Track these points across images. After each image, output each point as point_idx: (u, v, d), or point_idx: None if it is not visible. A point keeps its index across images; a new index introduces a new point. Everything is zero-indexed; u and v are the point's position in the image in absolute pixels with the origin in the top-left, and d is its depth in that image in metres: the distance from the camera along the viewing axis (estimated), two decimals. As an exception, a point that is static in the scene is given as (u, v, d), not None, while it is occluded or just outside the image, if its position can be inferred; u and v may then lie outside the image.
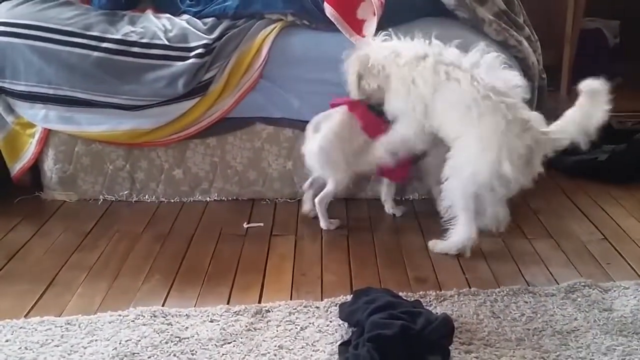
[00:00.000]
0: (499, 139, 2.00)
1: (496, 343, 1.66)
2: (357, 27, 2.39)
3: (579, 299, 1.86)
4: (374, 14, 2.35)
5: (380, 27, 2.34)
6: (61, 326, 1.72)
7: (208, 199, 2.56)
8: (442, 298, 1.86)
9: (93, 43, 2.38)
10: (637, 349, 1.64)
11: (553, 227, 2.29)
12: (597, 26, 3.76)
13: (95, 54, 2.36)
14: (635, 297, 1.87)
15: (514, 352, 1.63)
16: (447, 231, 2.14)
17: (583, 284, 1.92)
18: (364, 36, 2.37)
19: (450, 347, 1.60)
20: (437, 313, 1.70)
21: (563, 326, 1.74)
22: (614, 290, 1.91)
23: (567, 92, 3.30)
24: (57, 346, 1.65)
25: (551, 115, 2.10)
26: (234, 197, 2.57)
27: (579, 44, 3.41)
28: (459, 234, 2.11)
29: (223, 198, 2.56)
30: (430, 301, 1.85)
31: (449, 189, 2.10)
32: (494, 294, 1.88)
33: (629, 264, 2.09)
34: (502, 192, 2.07)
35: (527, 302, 1.84)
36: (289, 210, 2.49)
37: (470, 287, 1.93)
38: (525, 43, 2.50)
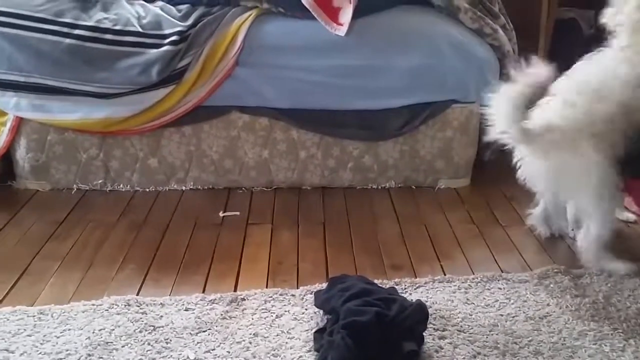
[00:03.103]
0: None
1: (469, 329, 1.68)
2: (333, 15, 2.38)
3: (551, 285, 1.88)
4: (350, 2, 2.35)
5: (356, 15, 2.34)
6: (34, 316, 1.70)
7: (184, 187, 2.54)
8: (417, 285, 1.88)
9: (65, 30, 2.34)
10: (608, 334, 1.67)
11: (527, 214, 2.30)
12: (572, 16, 3.78)
13: (67, 41, 2.33)
14: (606, 283, 1.89)
15: (487, 337, 1.64)
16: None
17: (556, 270, 1.95)
18: (340, 24, 2.36)
19: (424, 333, 1.61)
20: (411, 300, 1.71)
21: (535, 312, 1.76)
22: (586, 277, 1.93)
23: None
24: (30, 336, 1.63)
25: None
26: (210, 186, 2.55)
27: (554, 34, 3.42)
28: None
29: (199, 187, 2.55)
30: (405, 288, 1.86)
31: None
32: (468, 281, 1.89)
33: (601, 250, 2.12)
34: None
35: (500, 289, 1.86)
36: (266, 198, 2.48)
37: (445, 274, 1.94)
38: (501, 31, 2.51)
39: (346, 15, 2.36)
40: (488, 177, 2.63)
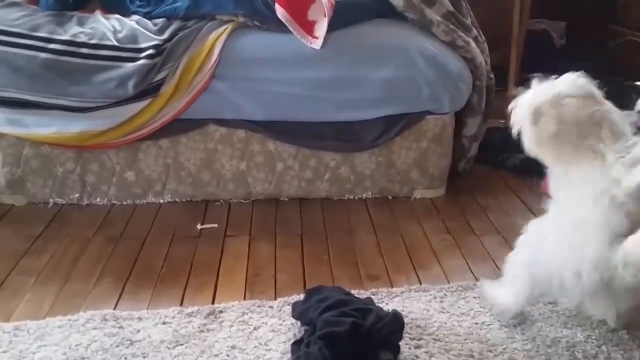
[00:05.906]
0: None
1: (445, 338, 1.70)
2: (308, 28, 2.40)
3: (525, 293, 1.91)
4: (325, 15, 2.37)
5: (331, 29, 2.37)
6: (9, 332, 1.69)
7: (161, 200, 2.54)
8: (393, 295, 1.89)
9: (40, 44, 2.34)
10: (580, 341, 1.70)
11: (501, 223, 2.34)
12: (543, 27, 3.86)
13: (43, 55, 2.32)
14: (578, 290, 1.93)
15: (462, 345, 1.67)
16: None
17: (529, 278, 1.98)
18: (315, 37, 2.39)
19: (400, 343, 1.63)
20: (388, 309, 1.73)
21: (510, 319, 1.79)
22: (559, 284, 1.96)
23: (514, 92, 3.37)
24: (5, 352, 1.62)
25: (498, 114, 2.14)
26: (188, 199, 2.56)
27: (526, 45, 3.49)
28: None
29: (176, 199, 2.55)
30: (381, 298, 1.87)
31: None
32: (444, 290, 1.92)
33: (573, 258, 2.15)
34: None
35: (475, 297, 1.89)
36: (243, 210, 2.49)
37: (421, 284, 1.97)
38: (473, 44, 2.56)
39: (321, 29, 2.38)
40: (462, 187, 2.67)
